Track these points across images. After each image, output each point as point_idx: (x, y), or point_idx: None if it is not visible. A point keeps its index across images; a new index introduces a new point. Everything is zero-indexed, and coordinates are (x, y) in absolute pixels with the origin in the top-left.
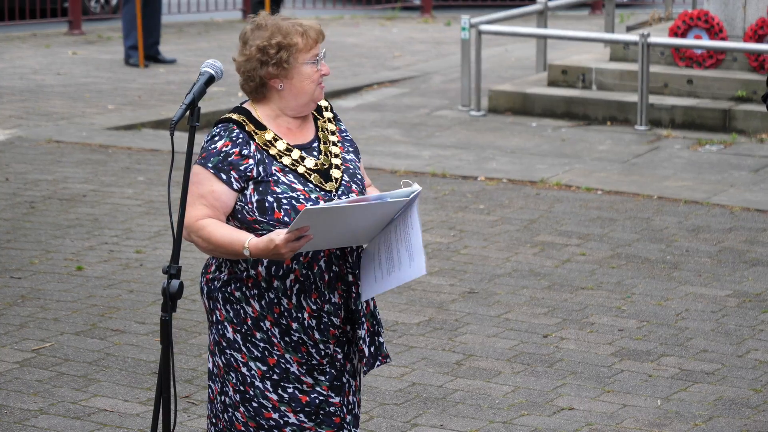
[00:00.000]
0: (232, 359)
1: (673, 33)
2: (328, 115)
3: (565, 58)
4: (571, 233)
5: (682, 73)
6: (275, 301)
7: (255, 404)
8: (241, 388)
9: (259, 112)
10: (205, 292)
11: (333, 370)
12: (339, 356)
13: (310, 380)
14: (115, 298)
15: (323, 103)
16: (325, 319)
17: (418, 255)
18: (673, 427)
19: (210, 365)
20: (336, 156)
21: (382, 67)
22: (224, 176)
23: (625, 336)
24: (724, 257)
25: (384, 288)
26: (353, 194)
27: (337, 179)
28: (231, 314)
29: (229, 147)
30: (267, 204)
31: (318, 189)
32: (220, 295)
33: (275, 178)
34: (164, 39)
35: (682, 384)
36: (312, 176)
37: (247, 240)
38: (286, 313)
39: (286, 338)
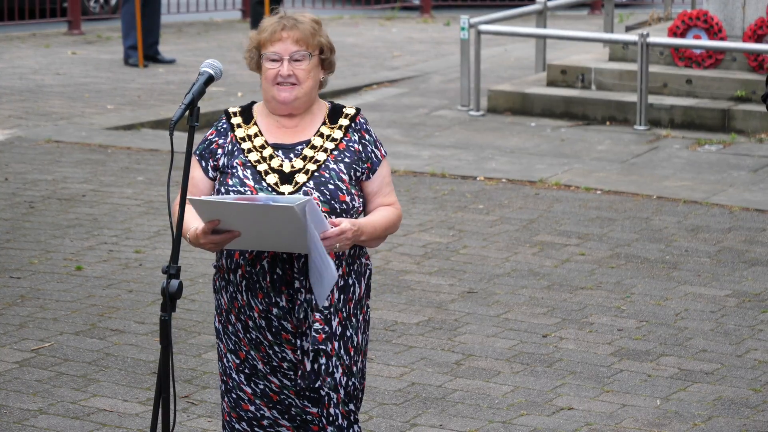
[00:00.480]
0: (218, 348)
1: (673, 33)
2: (343, 122)
3: (564, 58)
4: (571, 233)
5: (681, 73)
6: (234, 295)
7: (234, 395)
8: (224, 378)
9: (259, 107)
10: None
11: (302, 380)
12: (308, 365)
13: (277, 381)
14: (115, 298)
15: (349, 109)
16: (275, 323)
17: (326, 266)
18: (673, 427)
19: None
20: (315, 162)
21: (381, 67)
22: (203, 163)
23: (625, 336)
24: (723, 257)
25: (321, 296)
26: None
27: (298, 183)
28: (215, 303)
29: (213, 136)
30: (220, 194)
31: (270, 189)
32: (213, 284)
33: (233, 170)
34: (164, 39)
35: (681, 384)
36: (269, 176)
37: (193, 227)
38: (242, 309)
39: (248, 335)
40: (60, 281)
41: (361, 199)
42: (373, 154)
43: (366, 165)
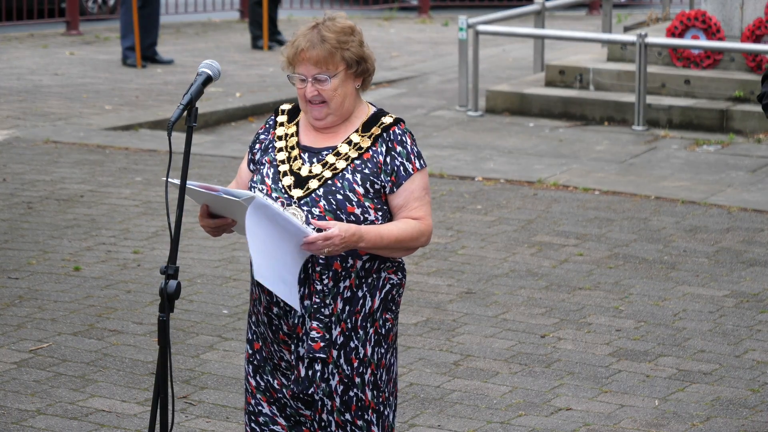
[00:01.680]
0: None
1: (671, 33)
2: (375, 131)
3: (562, 59)
4: (569, 233)
5: (679, 74)
6: (251, 288)
7: (245, 385)
8: (246, 362)
9: None
10: None
11: (294, 385)
12: (302, 371)
13: (278, 378)
14: (113, 298)
15: (387, 119)
16: (275, 321)
17: (256, 262)
18: (671, 427)
19: None
20: (333, 170)
21: (379, 68)
22: (249, 155)
23: (623, 336)
24: (721, 257)
25: (285, 295)
26: (317, 209)
27: (309, 189)
28: None
29: (262, 130)
30: (248, 187)
31: (283, 191)
32: None
33: (261, 167)
34: (162, 39)
35: (679, 384)
36: (285, 177)
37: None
38: (255, 303)
39: (258, 329)
40: (58, 282)
41: (380, 213)
42: (401, 168)
43: (390, 178)
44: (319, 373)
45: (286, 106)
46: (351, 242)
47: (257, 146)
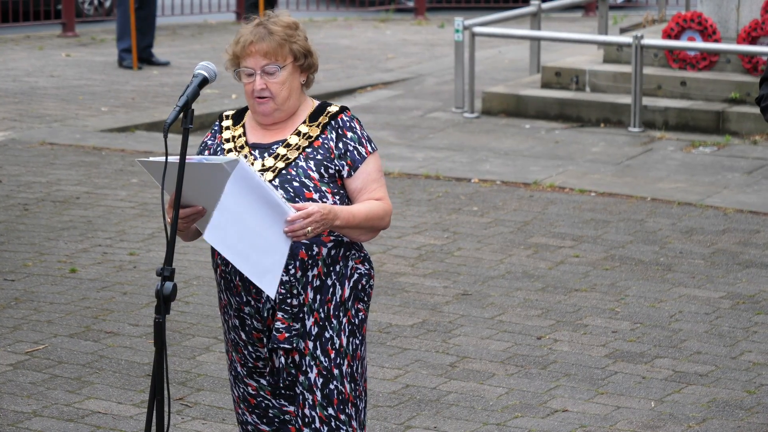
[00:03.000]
0: None
1: (667, 35)
2: (323, 120)
3: (558, 60)
4: (565, 235)
5: (675, 75)
6: (219, 295)
7: (232, 395)
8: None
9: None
10: None
11: (273, 377)
12: (276, 362)
13: (253, 383)
14: (109, 300)
15: (333, 108)
16: (248, 321)
17: (215, 221)
18: (667, 428)
19: None
20: (285, 160)
21: (375, 69)
22: None
23: (619, 338)
24: (717, 259)
25: (248, 271)
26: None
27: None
28: None
29: (208, 138)
30: None
31: None
32: None
33: None
34: (158, 41)
35: (675, 386)
36: None
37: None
38: (225, 309)
39: (230, 336)
40: (54, 284)
41: (338, 197)
42: (355, 152)
43: (346, 162)
44: (295, 365)
45: (230, 112)
46: (329, 219)
47: (206, 152)
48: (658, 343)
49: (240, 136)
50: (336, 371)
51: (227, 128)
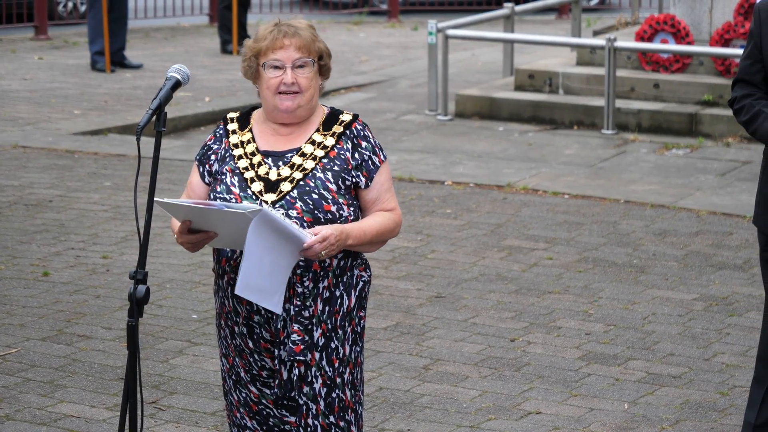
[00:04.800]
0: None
1: (640, 37)
2: (337, 129)
3: (531, 63)
4: (538, 237)
5: (648, 77)
6: (223, 301)
7: (228, 399)
8: (223, 378)
9: (257, 114)
10: None
11: (278, 389)
12: (285, 374)
13: (255, 390)
14: (82, 303)
15: (346, 116)
16: (257, 330)
17: (243, 276)
18: (640, 430)
19: None
20: (303, 170)
21: (349, 72)
22: (201, 168)
23: (592, 340)
24: (690, 261)
25: (266, 302)
26: (294, 210)
27: (282, 192)
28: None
29: (211, 141)
30: (209, 200)
31: (254, 197)
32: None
33: (222, 177)
34: (131, 44)
35: (648, 388)
36: (254, 183)
37: (177, 226)
38: (229, 315)
39: (234, 341)
40: (27, 287)
41: (352, 209)
42: (370, 162)
43: (362, 173)
44: (300, 377)
45: (233, 114)
46: (342, 241)
47: (212, 157)
48: (631, 345)
49: (249, 141)
50: (339, 380)
51: (233, 132)
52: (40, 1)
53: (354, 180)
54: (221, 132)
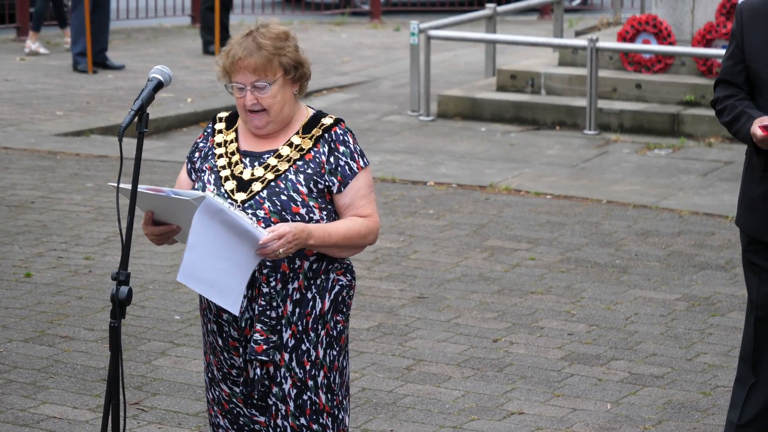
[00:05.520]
0: None
1: (622, 38)
2: (316, 132)
3: (514, 63)
4: (521, 238)
5: (630, 78)
6: (200, 298)
7: (206, 396)
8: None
9: None
10: None
11: (246, 387)
12: (252, 374)
13: (226, 389)
14: (64, 304)
15: (327, 120)
16: (225, 328)
17: (187, 261)
18: (623, 430)
19: None
20: (275, 171)
21: (331, 73)
22: (188, 165)
23: (575, 340)
24: (672, 261)
25: (217, 297)
26: (262, 211)
27: (252, 192)
28: None
29: (200, 139)
30: None
31: (226, 196)
32: None
33: (201, 174)
34: (113, 45)
35: (631, 388)
36: (228, 182)
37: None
38: (205, 312)
39: (208, 338)
40: (9, 288)
41: (325, 213)
42: (347, 167)
43: (336, 178)
44: (270, 377)
45: (224, 114)
46: (302, 239)
47: (197, 155)
48: (613, 345)
49: (232, 141)
50: (311, 382)
51: (220, 131)
52: (22, 2)
53: (327, 184)
54: (209, 130)
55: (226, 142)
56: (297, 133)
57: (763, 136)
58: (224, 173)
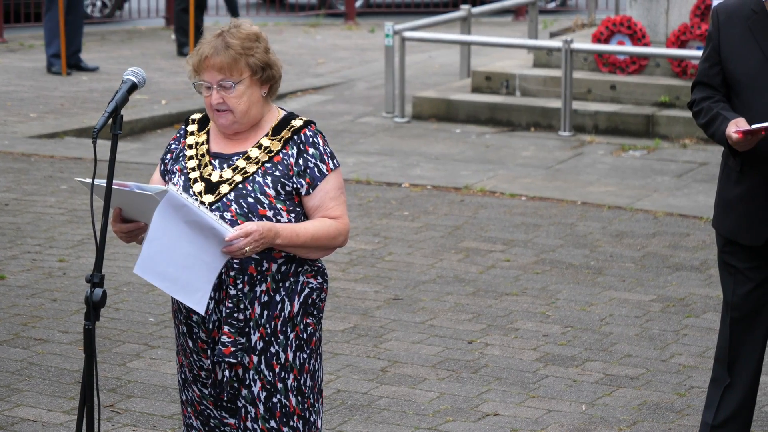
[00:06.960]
0: None
1: (597, 39)
2: (285, 134)
3: (488, 65)
4: (496, 239)
5: (605, 79)
6: (173, 300)
7: (180, 397)
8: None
9: None
10: None
11: (215, 389)
12: (220, 376)
13: (197, 390)
14: (38, 307)
15: (297, 122)
16: (195, 329)
17: (144, 254)
18: (598, 431)
19: None
20: (243, 173)
21: (305, 74)
22: (161, 167)
23: (550, 341)
24: (647, 262)
25: (189, 301)
26: (229, 213)
27: (220, 194)
28: None
29: (173, 141)
30: None
31: (194, 198)
32: None
33: (172, 176)
34: (87, 47)
35: (606, 389)
36: (196, 184)
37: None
38: (176, 314)
39: (180, 340)
40: None
41: (293, 215)
42: (316, 169)
43: (304, 180)
44: (239, 379)
45: (197, 116)
46: (269, 238)
47: (169, 156)
48: (588, 346)
49: (203, 143)
50: (280, 385)
51: (192, 133)
52: None
53: (295, 186)
54: (182, 132)
55: (197, 143)
56: (267, 135)
57: (739, 138)
58: (193, 175)
